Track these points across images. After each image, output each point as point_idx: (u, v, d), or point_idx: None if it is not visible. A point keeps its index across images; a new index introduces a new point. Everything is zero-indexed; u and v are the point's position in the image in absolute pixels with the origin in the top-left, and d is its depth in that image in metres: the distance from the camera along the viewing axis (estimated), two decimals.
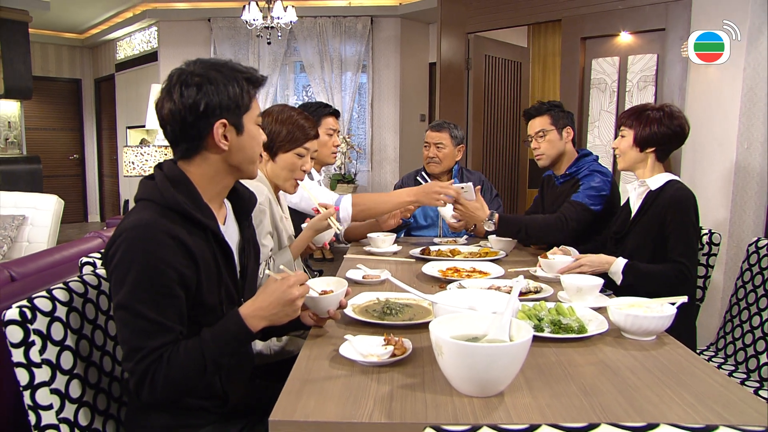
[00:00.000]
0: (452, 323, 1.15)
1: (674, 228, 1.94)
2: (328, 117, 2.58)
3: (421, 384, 1.12)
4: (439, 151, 2.91)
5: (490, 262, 2.19)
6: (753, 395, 1.07)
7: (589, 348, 1.33)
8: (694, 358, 1.27)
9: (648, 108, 2.07)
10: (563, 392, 1.09)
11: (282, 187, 2.01)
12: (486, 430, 0.69)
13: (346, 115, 7.11)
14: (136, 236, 1.16)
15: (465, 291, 1.49)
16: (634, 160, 2.09)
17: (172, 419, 1.28)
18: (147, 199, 1.23)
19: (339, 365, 1.23)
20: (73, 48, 9.24)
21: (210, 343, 1.17)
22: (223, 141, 1.27)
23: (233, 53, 7.23)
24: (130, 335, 1.15)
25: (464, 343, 1.01)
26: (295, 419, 0.99)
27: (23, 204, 4.45)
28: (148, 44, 7.86)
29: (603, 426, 0.68)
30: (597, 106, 4.58)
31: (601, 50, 4.49)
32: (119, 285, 1.15)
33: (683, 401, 1.05)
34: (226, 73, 1.27)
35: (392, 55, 7.09)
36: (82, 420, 1.30)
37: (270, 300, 1.21)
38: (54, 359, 1.25)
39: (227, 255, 1.32)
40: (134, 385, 1.15)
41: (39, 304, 1.25)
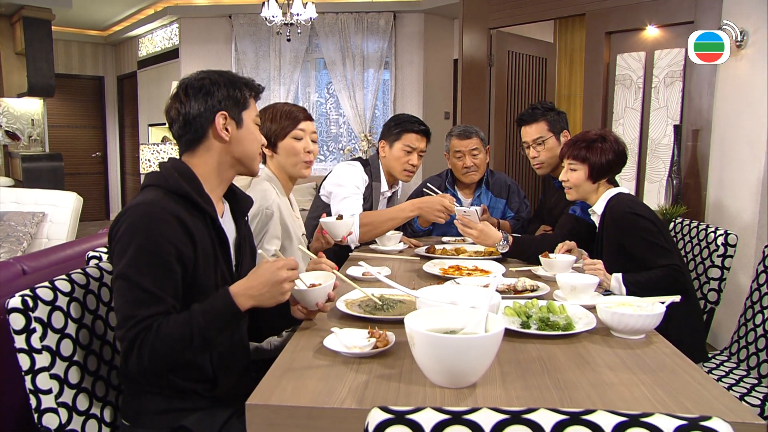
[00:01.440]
0: (431, 317, 1.21)
1: (633, 244, 2.01)
2: (410, 133, 2.66)
3: (397, 375, 1.20)
4: (475, 159, 2.94)
5: (492, 260, 2.25)
6: (727, 392, 1.11)
7: (574, 345, 1.38)
8: (678, 357, 1.32)
9: (593, 139, 2.13)
10: (536, 385, 1.15)
11: (294, 173, 2.12)
12: (429, 411, 0.76)
13: (368, 113, 7.21)
14: (139, 212, 1.29)
15: (449, 287, 1.56)
16: (588, 191, 2.17)
17: (164, 402, 1.39)
18: (152, 184, 1.38)
19: (322, 356, 1.31)
20: (96, 45, 9.55)
21: (198, 316, 1.27)
22: (224, 132, 1.44)
23: (254, 50, 7.39)
24: (124, 304, 1.26)
25: (434, 334, 1.08)
26: (271, 403, 1.07)
27: (43, 201, 4.65)
28: (170, 41, 8.09)
29: (541, 411, 0.74)
30: (622, 102, 4.58)
31: (627, 45, 4.49)
32: (121, 257, 1.28)
33: (654, 397, 1.10)
34: (227, 77, 1.48)
35: (416, 51, 7.16)
36: (80, 405, 1.40)
37: (260, 280, 1.31)
38: (54, 346, 1.36)
39: (223, 243, 1.44)
40: (123, 353, 1.26)
41: (41, 293, 1.36)
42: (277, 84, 7.38)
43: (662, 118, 4.30)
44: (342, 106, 7.32)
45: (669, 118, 4.23)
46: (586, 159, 2.11)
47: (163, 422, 1.38)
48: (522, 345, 1.38)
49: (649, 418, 0.72)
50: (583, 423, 0.72)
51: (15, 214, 4.50)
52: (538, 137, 2.61)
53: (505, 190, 3.03)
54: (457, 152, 2.94)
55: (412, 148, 2.69)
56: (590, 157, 2.10)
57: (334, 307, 1.63)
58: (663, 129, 4.30)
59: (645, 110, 4.44)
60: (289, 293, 1.35)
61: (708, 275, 2.39)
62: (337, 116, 7.62)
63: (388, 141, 2.75)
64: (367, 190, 2.74)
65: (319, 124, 7.68)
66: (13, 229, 4.42)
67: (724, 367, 2.22)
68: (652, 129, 4.37)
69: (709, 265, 2.40)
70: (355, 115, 7.19)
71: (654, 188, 4.36)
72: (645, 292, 1.88)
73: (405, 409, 0.76)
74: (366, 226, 2.43)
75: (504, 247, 2.28)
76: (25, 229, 4.43)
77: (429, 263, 2.18)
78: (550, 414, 0.73)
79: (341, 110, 7.45)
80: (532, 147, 2.63)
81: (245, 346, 1.61)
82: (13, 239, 4.36)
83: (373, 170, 2.79)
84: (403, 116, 2.81)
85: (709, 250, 2.42)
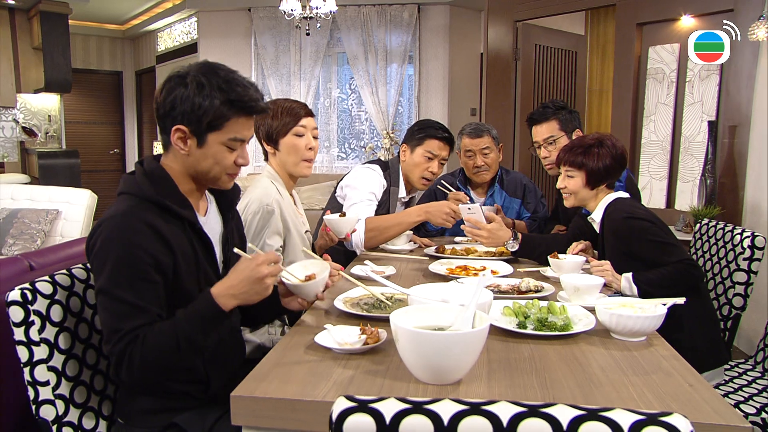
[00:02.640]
0: (420, 314, 1.27)
1: (639, 248, 2.03)
2: (433, 139, 2.71)
3: (384, 371, 1.25)
4: (486, 158, 2.98)
5: (501, 260, 2.29)
6: (719, 397, 1.14)
7: (569, 346, 1.42)
8: (676, 360, 1.35)
9: (589, 144, 2.16)
10: (521, 384, 1.19)
11: (296, 171, 2.18)
12: (392, 401, 0.82)
13: (390, 110, 7.28)
14: (114, 225, 1.35)
15: (443, 285, 1.61)
16: (586, 198, 2.21)
17: (156, 402, 1.47)
18: (126, 192, 1.43)
19: (313, 351, 1.37)
20: (114, 40, 9.81)
21: (182, 322, 1.33)
22: (180, 144, 1.44)
23: (274, 45, 7.51)
24: (108, 318, 1.33)
25: (416, 330, 1.14)
26: (255, 395, 1.14)
27: (57, 198, 4.82)
28: (188, 35, 8.27)
29: (501, 402, 0.79)
30: (653, 98, 4.56)
31: (660, 37, 4.46)
32: (99, 272, 1.34)
33: (641, 398, 1.13)
34: (207, 87, 1.41)
35: (441, 45, 7.19)
36: (77, 397, 1.49)
37: (240, 278, 1.36)
38: (52, 339, 1.45)
39: (206, 245, 1.50)
40: (114, 367, 1.33)
41: (40, 287, 1.46)
42: (297, 79, 7.49)
43: (696, 113, 4.27)
44: (364, 103, 7.40)
45: (704, 114, 4.20)
46: (582, 165, 2.15)
47: (156, 421, 1.46)
48: (516, 345, 1.42)
49: (607, 413, 0.77)
50: (541, 416, 0.77)
51: (29, 212, 4.68)
52: (548, 136, 2.64)
53: (520, 190, 3.06)
54: (468, 151, 2.99)
55: (434, 155, 2.73)
56: (587, 163, 2.13)
57: (332, 305, 1.70)
58: (697, 125, 4.26)
59: (678, 106, 4.41)
60: (271, 287, 1.40)
61: (733, 279, 2.39)
62: (360, 113, 7.70)
63: (410, 145, 2.80)
64: (385, 194, 2.80)
65: (341, 120, 7.78)
66: (27, 226, 4.60)
67: (747, 375, 2.23)
68: (685, 126, 4.34)
69: (734, 269, 2.40)
70: (378, 112, 7.26)
71: (687, 188, 4.33)
72: (658, 290, 1.90)
73: (368, 399, 0.81)
74: (372, 231, 2.49)
75: (513, 246, 2.31)
76: (39, 227, 4.60)
77: (436, 263, 2.23)
78: (510, 406, 0.78)
79: (363, 107, 7.52)
80: (543, 147, 2.66)
81: (240, 343, 1.69)
82: (27, 237, 4.54)
83: (392, 174, 2.85)
84: (428, 122, 2.86)
85: (735, 252, 2.42)
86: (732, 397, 2.02)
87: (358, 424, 0.79)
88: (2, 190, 4.96)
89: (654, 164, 4.61)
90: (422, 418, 0.78)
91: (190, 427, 1.44)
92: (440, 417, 0.78)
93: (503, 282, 1.91)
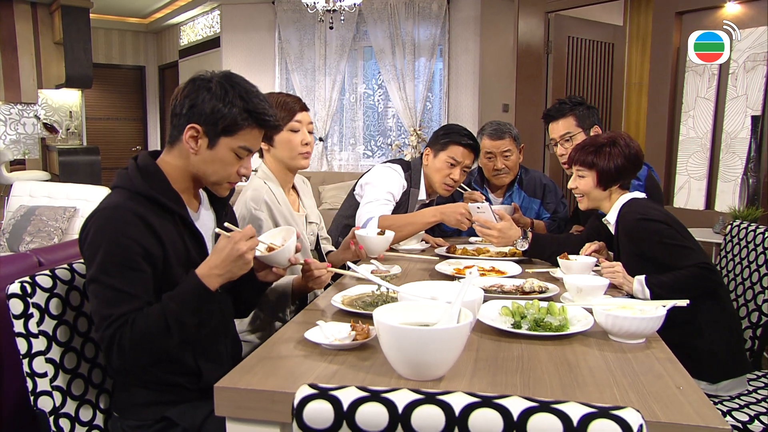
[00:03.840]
0: (406, 311, 1.33)
1: (653, 251, 2.05)
2: (457, 146, 2.77)
3: (368, 366, 1.32)
4: (507, 161, 3.03)
5: (511, 261, 2.34)
6: (706, 400, 1.17)
7: (562, 347, 1.47)
8: (670, 363, 1.38)
9: (601, 143, 2.19)
10: (503, 383, 1.25)
11: (293, 165, 2.26)
12: (352, 389, 0.89)
13: (418, 106, 7.34)
14: (105, 217, 1.47)
15: (434, 283, 1.68)
16: (599, 199, 2.23)
17: (149, 395, 1.57)
18: (118, 186, 1.55)
19: (302, 347, 1.45)
20: (137, 33, 10.10)
21: (170, 303, 1.44)
22: (191, 143, 1.57)
23: (298, 38, 7.65)
24: (99, 305, 1.44)
25: (396, 325, 1.20)
26: (237, 387, 1.22)
27: (75, 195, 5.02)
28: (211, 29, 8.47)
29: (457, 393, 0.86)
30: (693, 92, 4.52)
31: (701, 25, 4.42)
32: (91, 261, 1.46)
33: (623, 398, 1.18)
34: (230, 93, 1.56)
35: (471, 38, 7.22)
36: (75, 390, 1.60)
37: (221, 257, 1.48)
38: (50, 331, 1.56)
39: (198, 240, 1.60)
40: (104, 352, 1.44)
41: (39, 280, 1.56)
42: (322, 74, 7.61)
43: (740, 108, 4.22)
44: (391, 99, 7.48)
45: (748, 108, 4.15)
46: (593, 165, 2.18)
47: (149, 414, 1.56)
48: (508, 344, 1.47)
49: (560, 405, 0.82)
50: (494, 406, 0.83)
51: (46, 209, 4.87)
52: (565, 133, 2.66)
53: (540, 190, 3.10)
54: (489, 153, 3.03)
55: (457, 162, 2.77)
56: (598, 163, 2.16)
57: (329, 303, 1.78)
58: (740, 121, 4.22)
59: (720, 100, 4.37)
60: (252, 261, 1.52)
61: (763, 284, 2.39)
62: (386, 109, 7.78)
63: (434, 150, 2.84)
64: (404, 196, 2.86)
65: (367, 117, 7.87)
66: (45, 224, 4.79)
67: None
68: (727, 121, 4.30)
69: (764, 273, 2.40)
70: (405, 108, 7.33)
71: (729, 188, 4.29)
72: (672, 294, 1.92)
73: (329, 387, 0.89)
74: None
75: (523, 245, 2.36)
76: (56, 224, 4.79)
77: (444, 263, 2.29)
78: (465, 397, 0.84)
79: (390, 102, 7.60)
80: (560, 144, 2.69)
81: (234, 338, 1.78)
82: (44, 234, 4.73)
83: (413, 175, 2.91)
84: (454, 127, 2.90)
85: (765, 256, 2.42)
86: (752, 408, 2.02)
87: (317, 411, 0.87)
88: (20, 188, 5.19)
89: (693, 163, 4.58)
90: (378, 406, 0.85)
91: (182, 420, 1.53)
92: (395, 405, 0.85)
93: (508, 282, 1.96)
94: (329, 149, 7.87)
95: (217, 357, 1.66)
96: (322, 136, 7.73)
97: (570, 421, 0.81)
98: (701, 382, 2.03)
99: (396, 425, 0.85)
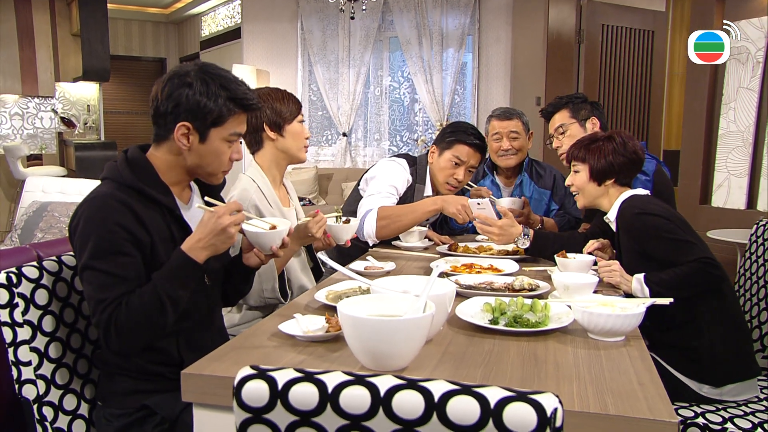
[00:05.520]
0: (374, 303, 1.43)
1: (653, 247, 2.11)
2: (463, 145, 2.86)
3: (337, 357, 1.43)
4: (514, 142, 3.15)
5: (510, 259, 2.42)
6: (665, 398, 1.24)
7: (536, 343, 1.55)
8: (642, 360, 1.45)
9: (598, 138, 2.27)
10: (464, 375, 1.34)
11: (297, 157, 2.41)
12: (289, 370, 0.99)
13: (446, 99, 7.42)
14: (93, 206, 1.62)
15: (409, 277, 1.78)
16: (594, 195, 2.30)
17: (132, 384, 1.70)
18: (107, 178, 1.71)
19: (276, 338, 1.57)
20: (157, 24, 10.39)
21: (160, 279, 1.59)
22: (183, 140, 1.70)
23: (321, 29, 7.79)
24: (93, 291, 1.58)
25: (355, 315, 1.30)
26: (202, 373, 1.34)
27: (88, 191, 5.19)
28: (232, 20, 8.68)
29: (384, 376, 0.95)
30: (734, 82, 4.49)
31: (744, 10, 4.40)
32: (82, 251, 1.60)
33: (579, 392, 1.25)
34: (211, 85, 1.69)
35: (503, 27, 7.26)
36: (59, 379, 1.74)
37: (205, 231, 1.62)
38: (36, 321, 1.70)
39: (186, 232, 1.73)
40: (103, 337, 1.58)
41: (25, 271, 1.72)
42: (346, 66, 7.74)
43: None
44: (418, 92, 7.57)
45: None
46: (585, 159, 2.26)
47: (130, 402, 1.69)
48: (481, 340, 1.56)
49: (481, 389, 0.91)
50: (417, 389, 0.92)
51: (59, 205, 5.10)
52: (559, 125, 2.74)
53: (550, 180, 3.19)
54: (496, 134, 3.16)
55: (461, 161, 2.86)
56: (590, 156, 2.24)
57: (313, 298, 1.89)
58: None
59: (765, 90, 4.35)
60: (236, 235, 1.65)
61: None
62: (413, 103, 7.87)
63: (440, 147, 2.94)
64: (408, 191, 2.96)
65: (393, 111, 7.98)
66: (57, 220, 5.02)
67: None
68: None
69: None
70: (432, 102, 7.41)
71: None
72: (672, 292, 1.98)
73: (268, 368, 0.99)
74: (384, 220, 2.65)
75: (524, 243, 2.43)
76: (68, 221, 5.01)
77: (441, 260, 2.37)
78: (391, 379, 0.94)
79: (417, 96, 7.69)
80: (555, 137, 2.76)
81: (221, 331, 1.90)
82: (56, 230, 4.95)
83: (419, 170, 3.01)
84: (461, 124, 2.99)
85: None
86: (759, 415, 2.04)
87: (254, 390, 0.98)
88: (33, 183, 5.43)
89: (733, 159, 4.56)
90: (310, 386, 0.95)
91: (161, 409, 1.66)
92: (326, 385, 0.95)
93: (499, 280, 2.04)
94: (353, 145, 7.99)
95: (200, 348, 1.77)
96: (346, 131, 7.86)
97: (488, 403, 0.90)
98: (704, 386, 2.07)
99: (325, 404, 0.95)
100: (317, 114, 8.20)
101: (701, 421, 1.97)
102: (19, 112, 8.17)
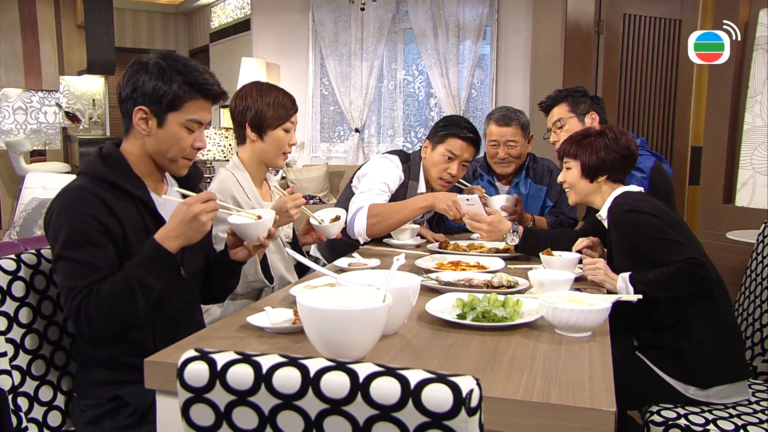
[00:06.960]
0: (335, 296, 1.54)
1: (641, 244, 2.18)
2: (456, 138, 2.96)
3: (297, 348, 1.55)
4: (512, 150, 3.24)
5: (499, 257, 2.52)
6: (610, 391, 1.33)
7: (499, 338, 1.65)
8: (600, 356, 1.54)
9: (590, 134, 2.35)
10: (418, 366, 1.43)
11: (273, 163, 2.54)
12: (230, 353, 1.11)
13: (463, 94, 7.49)
14: (66, 198, 1.76)
15: (377, 271, 1.88)
16: (586, 192, 2.38)
17: (106, 375, 1.84)
18: (82, 172, 1.85)
19: (244, 330, 1.70)
20: (166, 15, 10.60)
21: (132, 267, 1.72)
22: (142, 125, 1.84)
23: (333, 20, 7.91)
24: (65, 280, 1.72)
25: (312, 306, 1.41)
26: (164, 361, 1.47)
27: None
28: (242, 11, 8.84)
29: (316, 359, 1.07)
30: (761, 74, 4.49)
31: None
32: (55, 241, 1.75)
33: (527, 384, 1.35)
34: (168, 70, 1.82)
35: (522, 17, 7.30)
36: (35, 370, 1.88)
37: (177, 221, 1.74)
38: (12, 312, 1.84)
39: (160, 223, 1.86)
40: (74, 324, 1.71)
41: (2, 263, 1.87)
42: (358, 59, 7.85)
43: None
44: (433, 85, 7.65)
45: None
46: (577, 155, 2.34)
47: (103, 393, 1.82)
48: (446, 334, 1.67)
49: (404, 371, 1.02)
50: (345, 370, 1.03)
51: None
52: (557, 119, 2.82)
53: (547, 176, 3.28)
54: (493, 140, 3.24)
55: (454, 156, 2.95)
56: (581, 152, 2.33)
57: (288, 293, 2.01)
58: None
59: None
60: (209, 224, 1.77)
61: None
62: (428, 97, 7.96)
63: (432, 142, 3.04)
64: (401, 188, 3.07)
65: (407, 106, 8.07)
66: None
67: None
68: None
69: None
70: (448, 96, 7.49)
71: None
72: (657, 291, 2.07)
73: (211, 351, 1.11)
74: (374, 217, 2.77)
75: (513, 240, 2.53)
76: None
77: (427, 257, 2.49)
78: (320, 361, 1.06)
79: (432, 90, 7.78)
80: (553, 131, 2.85)
81: (199, 324, 2.03)
82: None
83: (412, 167, 3.12)
84: (455, 118, 3.11)
85: None
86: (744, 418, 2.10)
87: (195, 371, 1.09)
88: (34, 179, 5.64)
89: (759, 155, 4.57)
90: (246, 367, 1.07)
91: (133, 400, 1.79)
92: (261, 366, 1.06)
93: (479, 277, 2.15)
94: (366, 141, 8.10)
95: (176, 341, 1.90)
96: (359, 127, 7.97)
97: (408, 384, 1.00)
98: (690, 387, 2.15)
99: (260, 384, 1.06)
100: (329, 109, 8.33)
101: (683, 422, 2.05)
102: (22, 107, 8.41)
